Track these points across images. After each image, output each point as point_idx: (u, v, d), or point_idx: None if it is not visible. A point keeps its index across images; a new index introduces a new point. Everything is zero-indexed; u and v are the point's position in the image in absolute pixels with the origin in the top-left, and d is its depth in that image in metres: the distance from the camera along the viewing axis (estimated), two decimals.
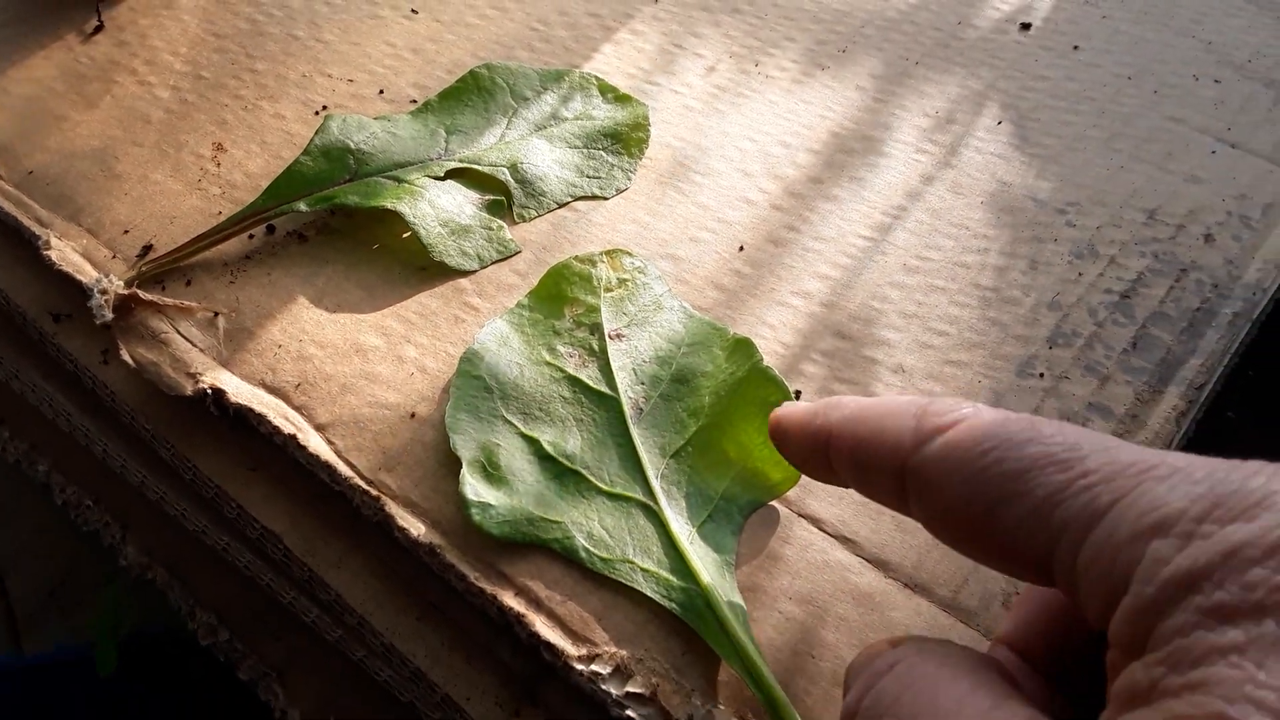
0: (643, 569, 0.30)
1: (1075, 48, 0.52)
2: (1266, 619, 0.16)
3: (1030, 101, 0.48)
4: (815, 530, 0.31)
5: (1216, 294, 0.40)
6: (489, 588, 0.29)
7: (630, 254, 0.39)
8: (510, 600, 0.29)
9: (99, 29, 0.50)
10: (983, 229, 0.42)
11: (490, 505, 0.31)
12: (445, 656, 0.30)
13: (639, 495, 0.32)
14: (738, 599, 0.29)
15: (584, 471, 0.32)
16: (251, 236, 0.39)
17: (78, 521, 0.45)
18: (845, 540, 0.31)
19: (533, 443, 0.33)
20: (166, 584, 0.42)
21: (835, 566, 0.30)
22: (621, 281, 0.38)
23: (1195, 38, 0.53)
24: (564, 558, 0.30)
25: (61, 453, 0.44)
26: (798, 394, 0.35)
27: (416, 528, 0.31)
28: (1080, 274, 0.40)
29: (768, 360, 0.35)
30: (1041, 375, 0.36)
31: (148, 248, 0.39)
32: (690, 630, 0.29)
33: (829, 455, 0.25)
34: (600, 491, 0.32)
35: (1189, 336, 0.38)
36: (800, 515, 0.32)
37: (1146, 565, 0.18)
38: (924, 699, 0.20)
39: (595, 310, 0.36)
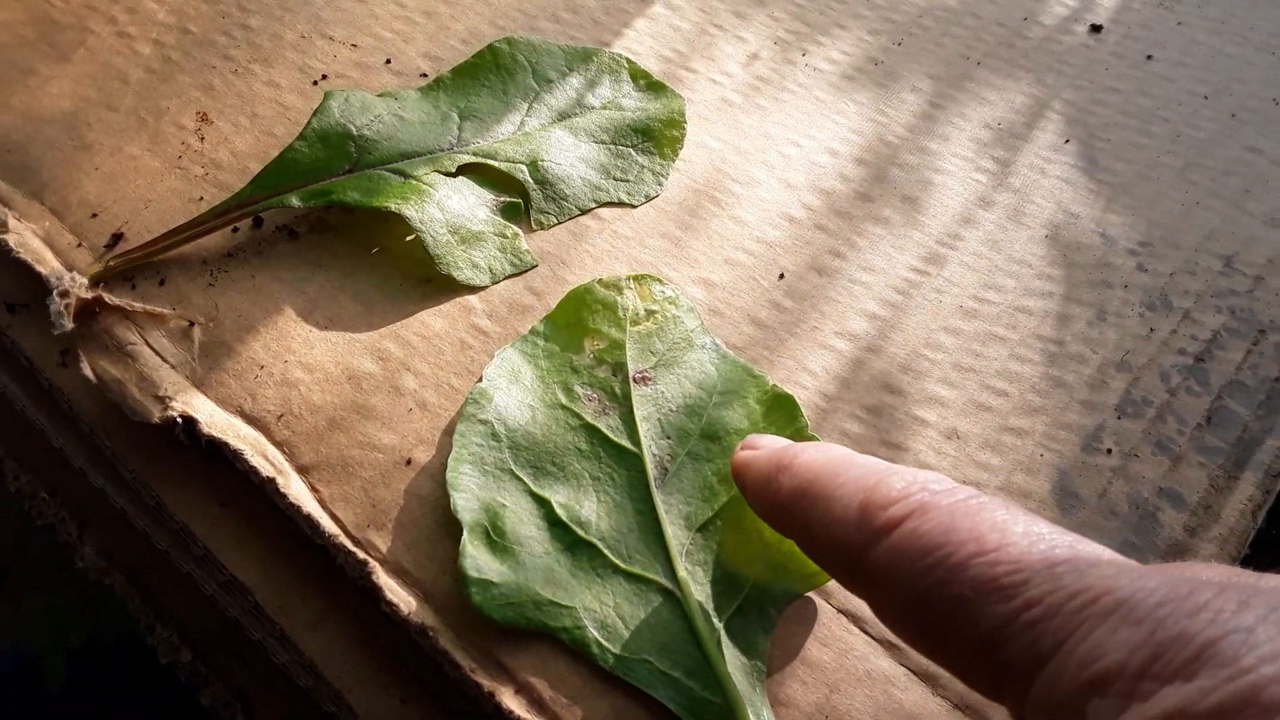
0: (662, 672, 0.26)
1: (1149, 57, 0.47)
2: None
3: (1100, 118, 0.44)
4: (856, 631, 0.28)
5: None
6: (486, 683, 0.26)
7: (661, 281, 0.35)
8: (509, 700, 0.26)
9: None
10: (1046, 268, 0.38)
11: (493, 584, 0.27)
12: None
13: (660, 578, 0.28)
14: (769, 717, 0.26)
15: (599, 544, 0.28)
16: (236, 230, 0.35)
17: (31, 514, 0.41)
18: (889, 646, 0.28)
19: (544, 504, 0.29)
20: (126, 592, 0.38)
21: (878, 679, 0.27)
22: (650, 314, 0.34)
23: (1277, 54, 0.48)
24: (573, 650, 0.27)
25: (18, 437, 0.40)
26: None
27: (407, 603, 0.27)
28: (1152, 330, 0.36)
29: (806, 413, 0.31)
30: (1109, 451, 0.33)
31: (118, 236, 0.35)
32: None
33: (784, 525, 0.25)
34: (617, 570, 0.28)
35: (1266, 411, 0.35)
36: (840, 611, 0.28)
37: None
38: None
39: (619, 346, 0.32)
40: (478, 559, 0.27)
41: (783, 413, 0.31)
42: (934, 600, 0.20)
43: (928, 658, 0.21)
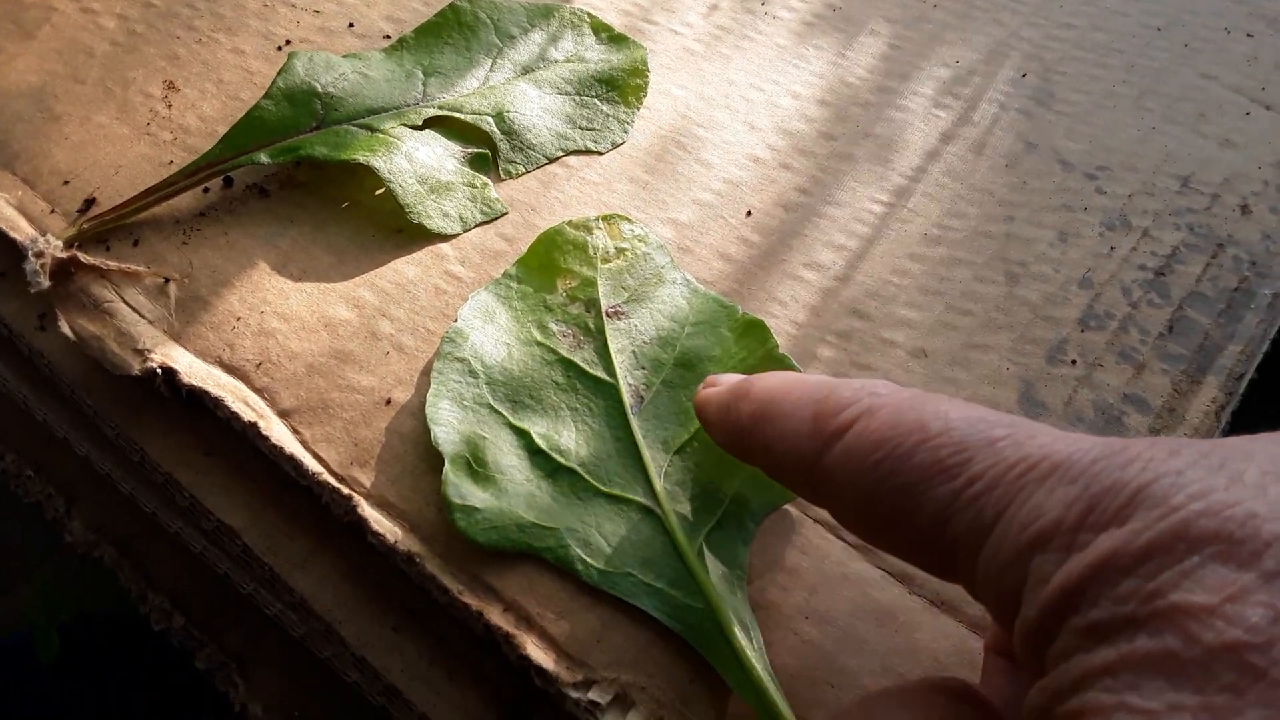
0: (645, 584, 0.27)
1: None
2: (1139, 633, 0.16)
3: (1055, 52, 0.45)
4: (833, 537, 0.29)
5: (1255, 272, 0.37)
6: (474, 603, 0.26)
7: (629, 220, 0.35)
8: (497, 618, 0.26)
9: None
10: (1008, 194, 0.39)
11: (476, 509, 0.28)
12: (424, 672, 0.28)
13: (640, 497, 0.29)
14: (750, 620, 0.26)
15: (580, 470, 0.29)
16: (207, 190, 0.35)
17: (17, 493, 0.41)
18: (865, 550, 0.28)
19: (523, 435, 0.30)
20: (115, 563, 0.39)
21: (855, 580, 0.28)
22: (620, 251, 0.34)
23: None
24: (557, 569, 0.27)
25: (1, 415, 0.40)
26: None
27: (393, 533, 0.28)
28: (1112, 248, 0.37)
29: (780, 342, 0.32)
30: (1074, 362, 0.33)
31: (90, 201, 0.35)
32: (699, 654, 0.26)
33: (746, 452, 0.25)
34: (598, 493, 0.29)
35: (1227, 320, 0.35)
36: (817, 521, 0.29)
37: (1030, 585, 0.18)
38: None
39: (591, 284, 0.33)
40: (460, 486, 0.28)
41: (754, 337, 0.32)
42: (884, 492, 0.20)
43: (888, 552, 0.22)
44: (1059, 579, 0.17)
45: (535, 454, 0.29)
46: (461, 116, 0.37)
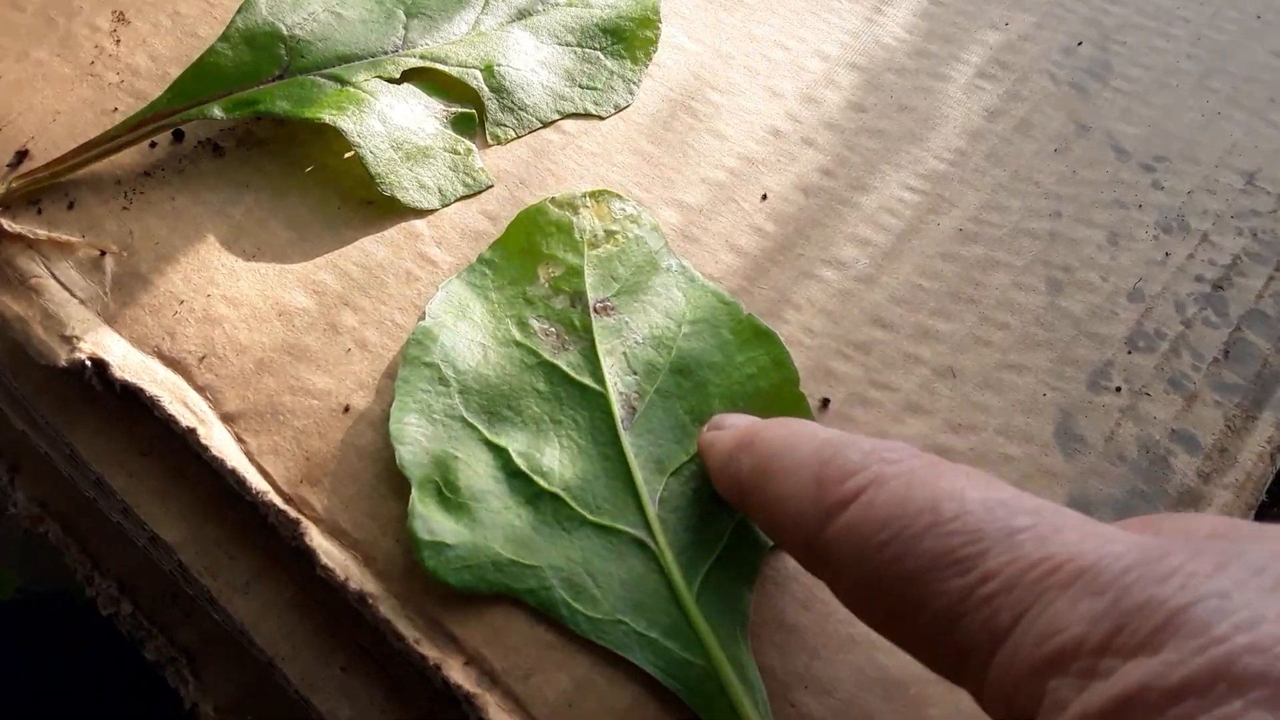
0: (638, 633, 0.24)
1: None
2: None
3: (1115, 18, 0.40)
4: None
5: None
6: (432, 654, 0.23)
7: (621, 197, 0.31)
8: (457, 674, 0.23)
9: None
10: (1055, 186, 0.34)
11: (447, 545, 0.24)
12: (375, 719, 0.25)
13: (631, 528, 0.25)
14: (755, 679, 0.23)
15: (564, 495, 0.26)
16: (154, 145, 0.31)
17: None
18: None
19: (500, 454, 0.26)
20: (61, 542, 0.36)
21: (861, 644, 0.25)
22: (610, 234, 0.30)
23: None
24: (527, 608, 0.24)
25: None
26: (825, 402, 0.29)
27: (344, 568, 0.24)
28: (1168, 254, 0.33)
29: (790, 353, 0.28)
30: (1119, 389, 0.30)
31: (22, 154, 0.31)
32: (692, 717, 0.23)
33: (747, 506, 0.23)
34: (585, 523, 0.25)
35: None
36: None
37: (1045, 711, 0.15)
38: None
39: (577, 273, 0.29)
40: (429, 519, 0.25)
41: (763, 350, 0.28)
42: (889, 578, 0.18)
43: (890, 640, 0.19)
44: (1076, 711, 0.15)
45: (514, 476, 0.26)
46: (445, 69, 0.33)
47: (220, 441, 0.26)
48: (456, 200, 0.31)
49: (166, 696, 0.34)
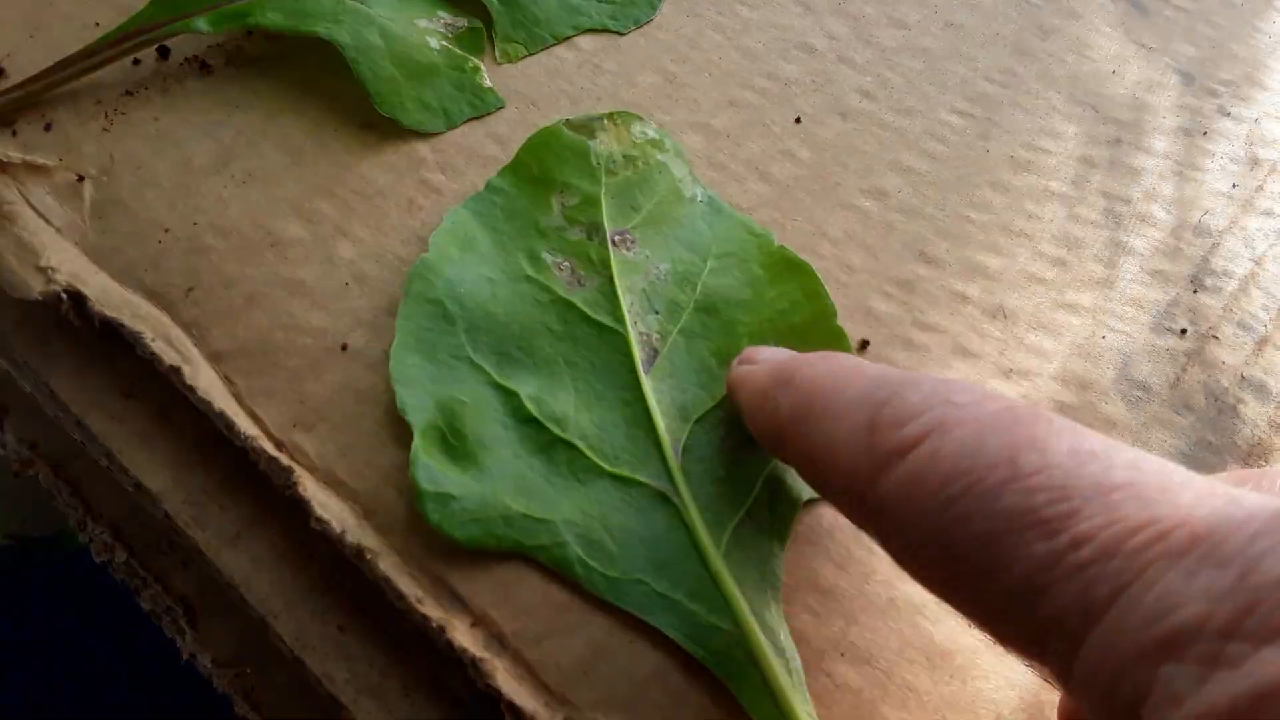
0: (659, 594, 0.22)
1: None
2: None
3: None
4: (879, 551, 0.23)
5: None
6: (436, 615, 0.22)
7: (640, 119, 0.29)
8: (463, 636, 0.21)
9: None
10: (1114, 111, 0.32)
11: (452, 497, 0.22)
12: (375, 683, 0.23)
13: (652, 480, 0.23)
14: (788, 644, 0.21)
15: (579, 443, 0.24)
16: (137, 62, 0.29)
17: None
18: None
19: (510, 398, 0.24)
20: (52, 485, 0.34)
21: (904, 608, 0.23)
22: (629, 160, 0.28)
23: None
24: (540, 567, 0.22)
25: None
26: (864, 344, 0.26)
27: (342, 519, 0.23)
28: (1235, 185, 0.30)
29: (827, 288, 0.26)
30: (1183, 332, 0.27)
31: None
32: (719, 687, 0.21)
33: (785, 452, 0.21)
34: (602, 474, 0.23)
35: None
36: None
37: (1156, 702, 0.13)
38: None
39: (594, 202, 0.27)
40: (432, 468, 0.23)
41: (796, 283, 0.26)
42: (957, 540, 0.16)
43: (951, 606, 0.17)
44: (1197, 706, 0.13)
45: (525, 422, 0.24)
46: None
47: (207, 382, 0.24)
48: (463, 122, 0.29)
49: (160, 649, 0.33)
